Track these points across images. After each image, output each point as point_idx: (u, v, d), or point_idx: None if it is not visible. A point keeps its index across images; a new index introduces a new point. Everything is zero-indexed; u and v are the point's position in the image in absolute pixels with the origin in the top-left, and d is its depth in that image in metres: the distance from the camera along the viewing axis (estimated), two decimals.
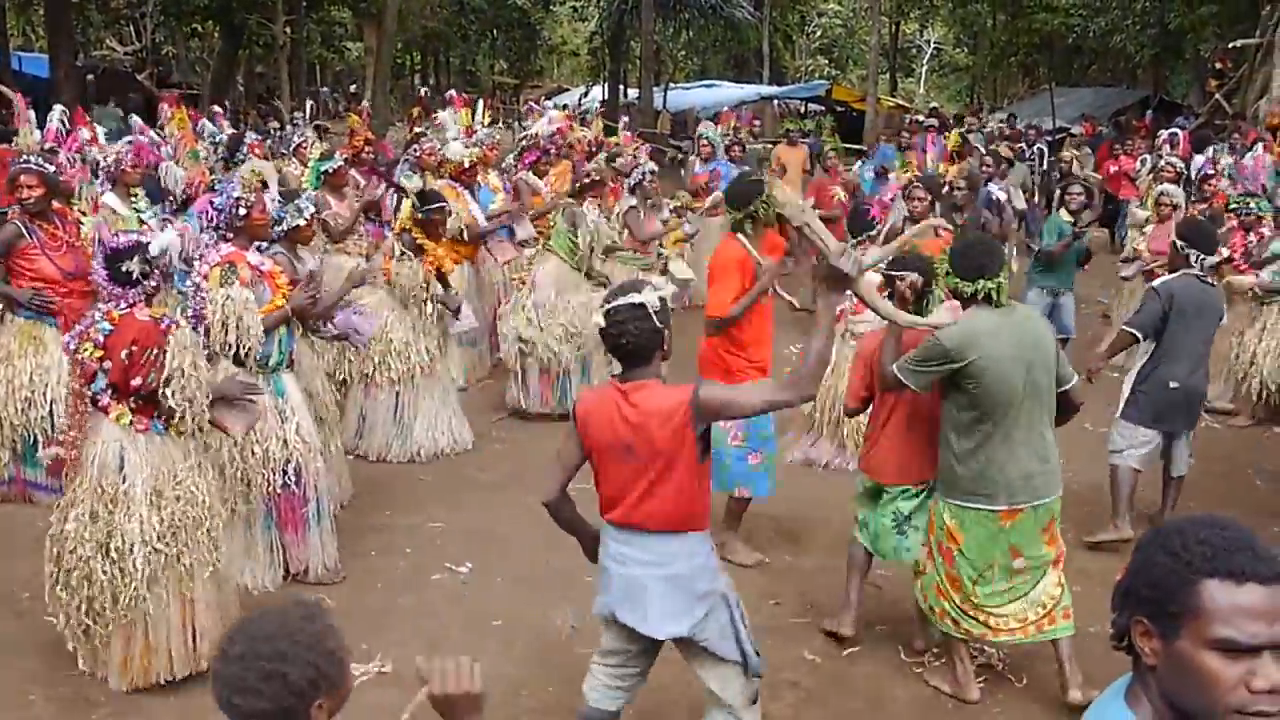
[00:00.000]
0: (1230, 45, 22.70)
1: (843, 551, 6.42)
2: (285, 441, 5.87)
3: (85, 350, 4.78)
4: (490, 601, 6.00)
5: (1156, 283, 6.71)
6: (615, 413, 3.79)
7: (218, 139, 11.35)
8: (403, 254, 7.86)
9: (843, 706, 5.07)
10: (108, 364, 4.78)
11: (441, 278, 8.01)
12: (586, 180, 9.18)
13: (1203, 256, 6.59)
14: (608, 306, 3.79)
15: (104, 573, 4.76)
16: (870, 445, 5.52)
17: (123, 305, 4.81)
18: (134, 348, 4.75)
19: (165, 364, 4.75)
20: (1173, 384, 6.50)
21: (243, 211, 5.89)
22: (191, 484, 4.97)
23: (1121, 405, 6.74)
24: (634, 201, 10.11)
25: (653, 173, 10.31)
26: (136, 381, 4.78)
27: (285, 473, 5.87)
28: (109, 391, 4.85)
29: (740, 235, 6.00)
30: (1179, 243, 6.66)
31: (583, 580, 6.13)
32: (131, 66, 30.62)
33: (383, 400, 7.93)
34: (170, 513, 4.87)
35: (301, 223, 6.48)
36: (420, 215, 7.95)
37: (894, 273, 5.40)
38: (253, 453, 5.77)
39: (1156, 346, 6.53)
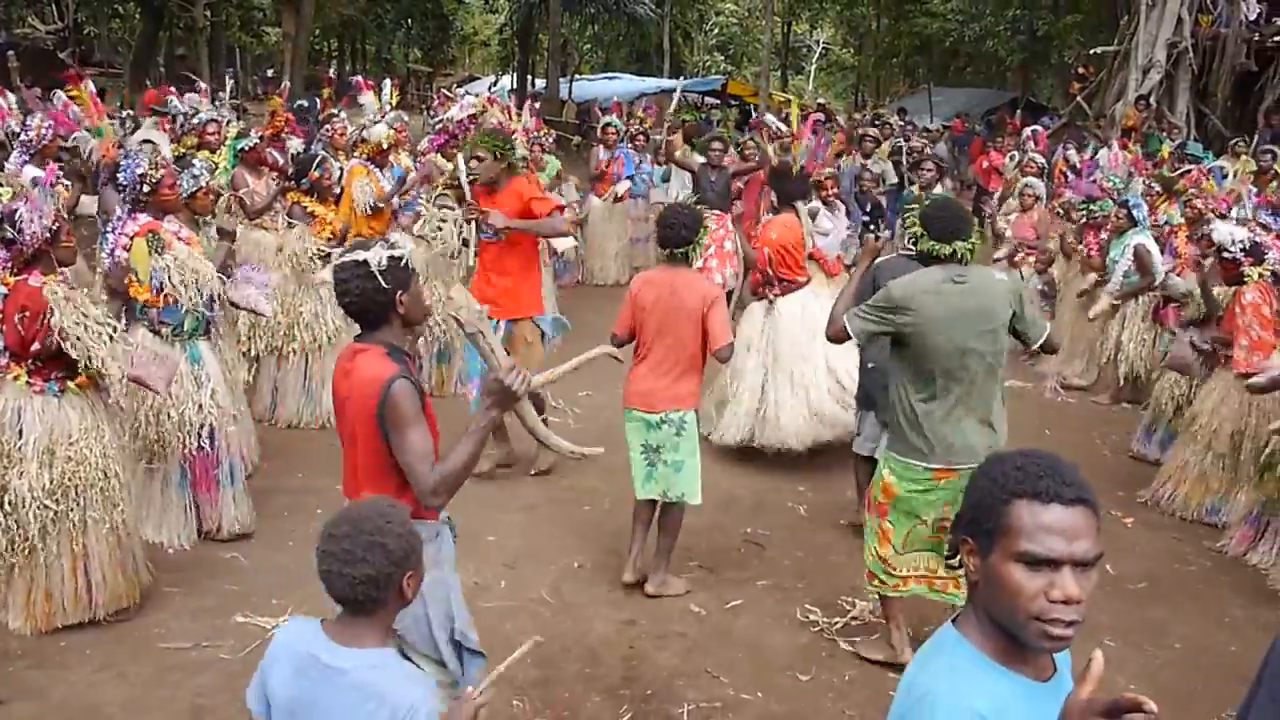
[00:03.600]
0: (1092, 52, 23.16)
1: (725, 511, 6.52)
2: (200, 406, 5.79)
3: None
4: None
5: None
6: (339, 373, 3.50)
7: (179, 116, 11.11)
8: (290, 224, 7.78)
9: (725, 655, 5.14)
10: (2, 328, 4.70)
11: (340, 244, 7.89)
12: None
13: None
14: (335, 263, 3.54)
15: None
16: (629, 381, 5.72)
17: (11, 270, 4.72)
18: (25, 313, 4.67)
19: (63, 328, 4.66)
20: None
21: (147, 188, 5.73)
22: (85, 445, 4.91)
23: None
24: None
25: (524, 159, 10.09)
26: (36, 346, 4.70)
27: (200, 436, 5.79)
28: (5, 354, 4.78)
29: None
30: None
31: (483, 539, 6.16)
32: (54, 45, 29.68)
33: (292, 370, 7.85)
34: (61, 471, 4.83)
35: (198, 189, 6.37)
36: (298, 184, 7.90)
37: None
38: (169, 416, 5.69)
39: None
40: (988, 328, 4.56)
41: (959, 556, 2.04)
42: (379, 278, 3.36)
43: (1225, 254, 6.89)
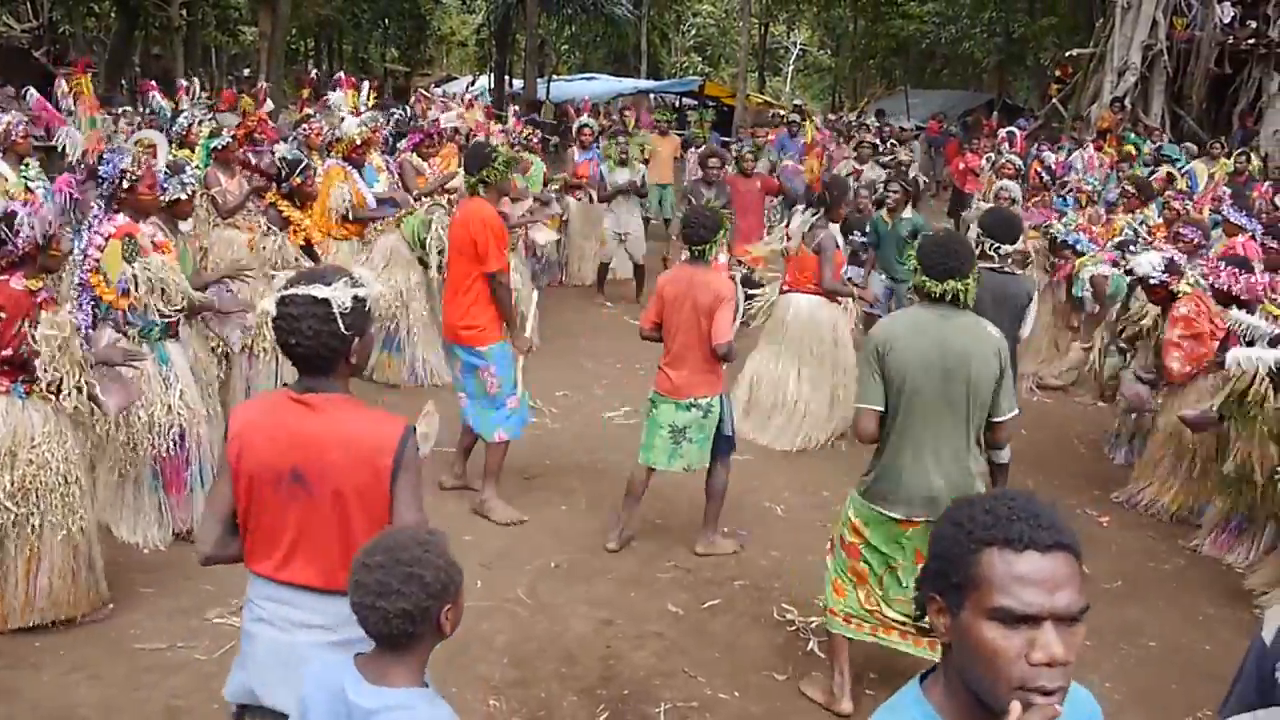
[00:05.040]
0: (1068, 54, 23.31)
1: (702, 512, 6.52)
2: (170, 407, 5.73)
3: None
4: None
5: None
6: (291, 435, 2.86)
7: (165, 114, 11.08)
8: (269, 230, 7.73)
9: (702, 655, 5.13)
10: None
11: (310, 250, 7.85)
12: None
13: (999, 245, 6.25)
14: (283, 293, 2.87)
15: None
16: (660, 369, 6.05)
17: None
18: (1, 315, 4.61)
19: (35, 338, 4.62)
20: None
21: (127, 184, 5.61)
22: (48, 449, 4.85)
23: None
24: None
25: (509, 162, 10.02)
26: (7, 352, 4.65)
27: (169, 437, 5.74)
28: None
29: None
30: (979, 233, 6.38)
31: (460, 540, 6.13)
32: (28, 44, 29.42)
33: (264, 368, 7.80)
34: (21, 475, 4.78)
35: (183, 196, 6.27)
36: (279, 186, 7.81)
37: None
38: (139, 418, 5.63)
39: None
40: (972, 373, 4.23)
41: (926, 616, 1.79)
42: (338, 320, 2.82)
43: (1151, 280, 6.93)
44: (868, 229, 9.83)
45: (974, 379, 4.24)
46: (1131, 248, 8.19)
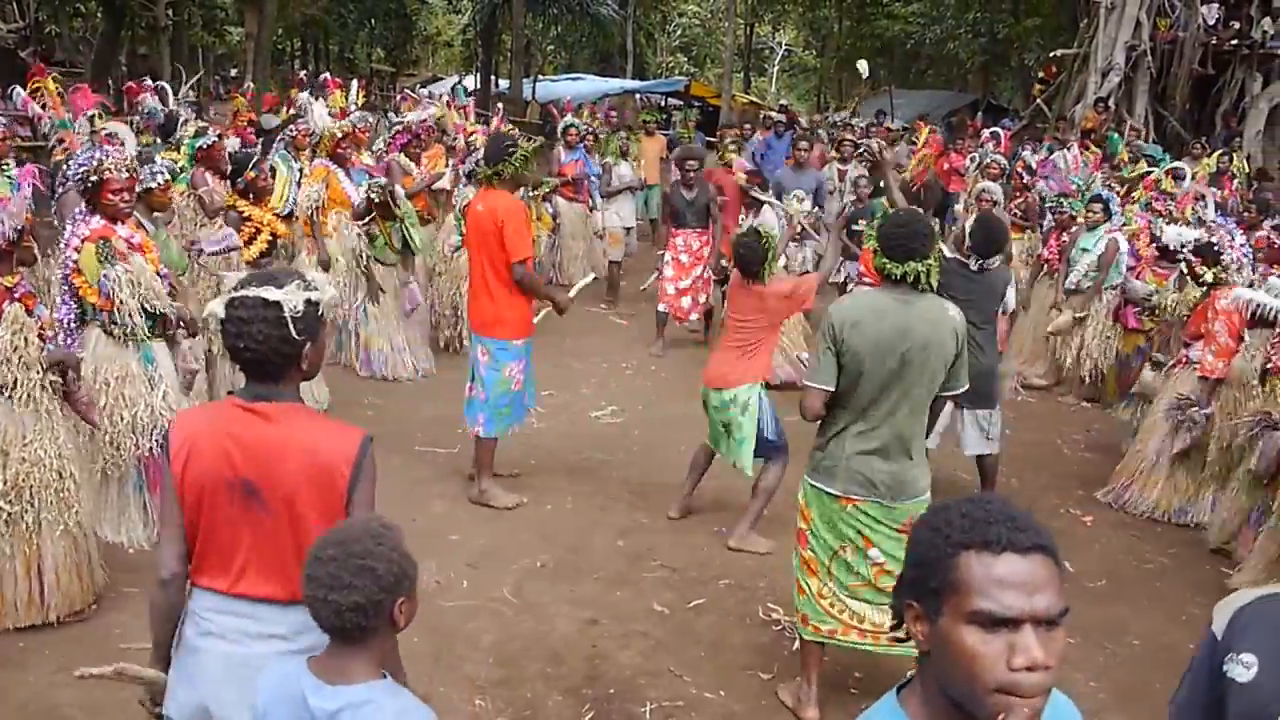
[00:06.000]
0: (1052, 55, 23.36)
1: (694, 508, 6.54)
2: (153, 408, 5.71)
3: None
4: None
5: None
6: (237, 441, 2.72)
7: (157, 115, 11.03)
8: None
9: (687, 654, 5.12)
10: None
11: (271, 249, 7.75)
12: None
13: (983, 261, 6.45)
14: (232, 294, 2.72)
15: None
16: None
17: None
18: None
19: None
20: None
21: (95, 178, 5.47)
22: (40, 447, 4.85)
23: None
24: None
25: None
26: None
27: (153, 437, 5.71)
28: None
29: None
30: (967, 248, 6.57)
31: (446, 539, 6.13)
32: (14, 44, 29.28)
33: None
34: (15, 473, 4.79)
35: (153, 186, 6.24)
36: (234, 184, 7.73)
37: None
38: (121, 418, 5.61)
39: None
40: (928, 358, 4.25)
41: (904, 624, 1.76)
42: (289, 325, 2.67)
43: (1177, 256, 6.96)
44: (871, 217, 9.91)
45: (930, 365, 4.26)
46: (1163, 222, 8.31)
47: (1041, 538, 1.64)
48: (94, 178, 5.46)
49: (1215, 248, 6.98)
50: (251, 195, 7.61)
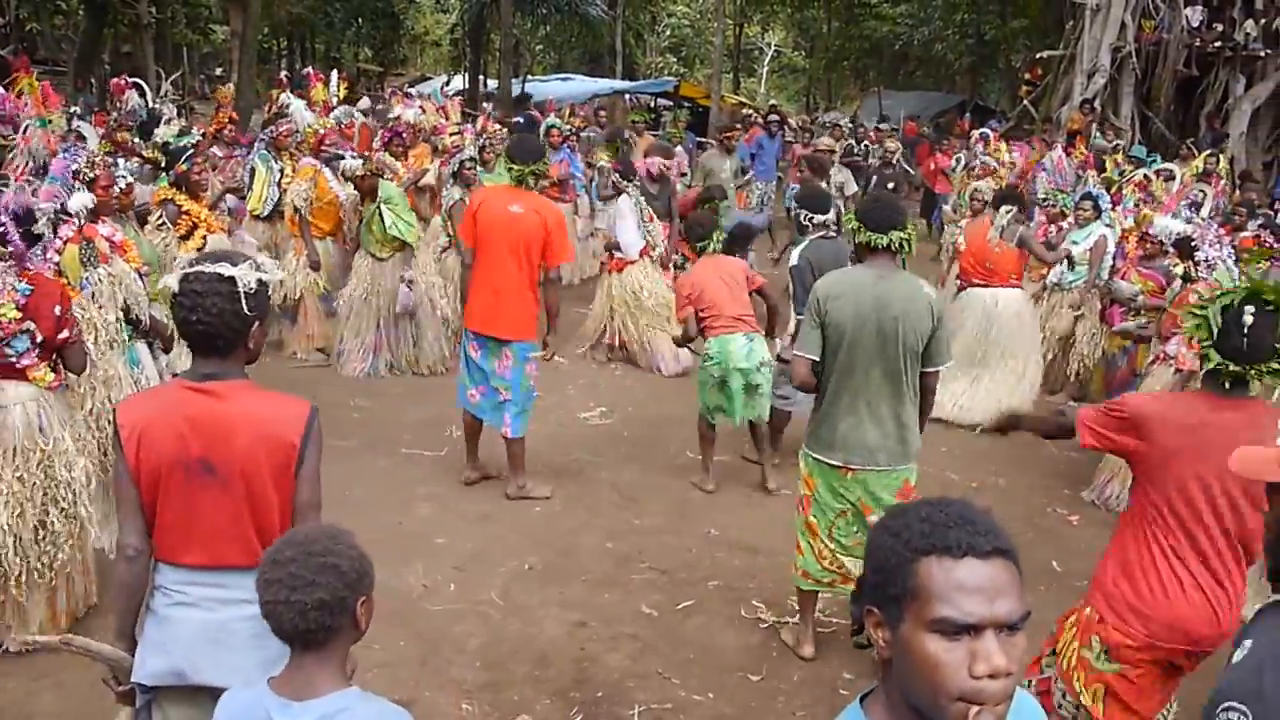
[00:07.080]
0: (1039, 56, 23.41)
1: (678, 513, 6.52)
2: None
3: (2, 313, 4.52)
4: None
5: (794, 257, 6.81)
6: (188, 418, 2.83)
7: (140, 112, 10.99)
8: (161, 223, 7.60)
9: (676, 656, 5.10)
10: (29, 324, 4.55)
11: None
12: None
13: (813, 216, 6.85)
14: (187, 270, 2.87)
15: (60, 525, 4.73)
16: None
17: (25, 265, 4.64)
18: (62, 303, 4.62)
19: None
20: None
21: (90, 176, 5.58)
22: (82, 437, 4.93)
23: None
24: (459, 194, 9.54)
25: (472, 160, 9.94)
26: (65, 334, 4.63)
27: None
28: (35, 351, 4.62)
29: None
30: (796, 208, 7.08)
31: (432, 542, 6.10)
32: None
33: None
34: (83, 462, 4.82)
35: (120, 186, 6.21)
36: (170, 178, 7.65)
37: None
38: (109, 421, 5.56)
39: None
40: (907, 330, 4.55)
41: (865, 632, 1.73)
42: (242, 300, 2.82)
43: (1164, 248, 7.00)
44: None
45: (907, 334, 4.56)
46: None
47: (1001, 541, 1.61)
48: (89, 174, 5.52)
49: (1192, 243, 7.00)
50: (184, 188, 7.58)
